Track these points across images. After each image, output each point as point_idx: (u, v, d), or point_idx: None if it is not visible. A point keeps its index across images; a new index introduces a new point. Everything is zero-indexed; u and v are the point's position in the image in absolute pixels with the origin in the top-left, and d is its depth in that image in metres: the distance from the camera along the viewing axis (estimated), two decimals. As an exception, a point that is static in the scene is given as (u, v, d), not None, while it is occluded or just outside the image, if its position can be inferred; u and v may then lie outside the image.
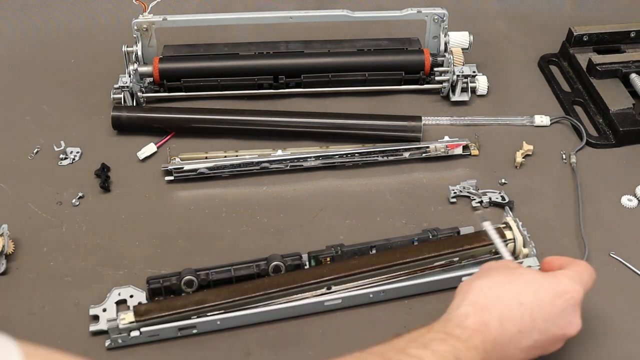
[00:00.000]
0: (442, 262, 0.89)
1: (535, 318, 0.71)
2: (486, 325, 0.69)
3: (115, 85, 1.13)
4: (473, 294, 0.72)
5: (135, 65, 1.13)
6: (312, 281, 0.85)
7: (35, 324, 0.85)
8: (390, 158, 1.05)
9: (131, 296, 0.86)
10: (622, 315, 0.87)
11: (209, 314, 0.83)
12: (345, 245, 0.91)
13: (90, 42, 1.28)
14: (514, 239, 0.89)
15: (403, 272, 0.88)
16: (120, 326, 0.81)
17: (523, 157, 1.06)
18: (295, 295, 0.85)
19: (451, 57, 1.14)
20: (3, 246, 0.90)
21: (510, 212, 0.93)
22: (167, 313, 0.82)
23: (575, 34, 1.21)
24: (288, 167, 1.04)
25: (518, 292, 0.71)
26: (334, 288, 0.86)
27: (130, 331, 0.81)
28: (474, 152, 1.07)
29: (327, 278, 0.86)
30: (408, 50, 1.19)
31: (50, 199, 1.00)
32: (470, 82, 1.15)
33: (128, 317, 0.81)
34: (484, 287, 0.72)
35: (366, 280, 0.87)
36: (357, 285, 0.87)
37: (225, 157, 1.04)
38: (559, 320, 0.72)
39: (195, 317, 0.83)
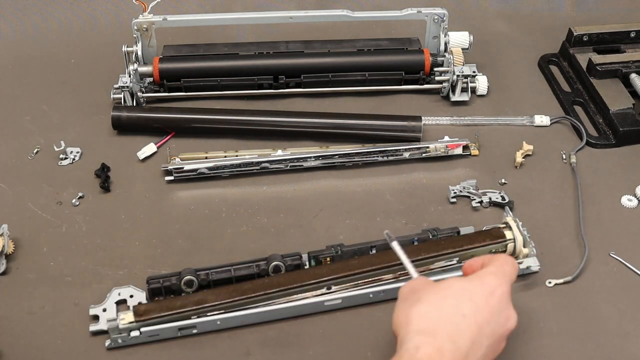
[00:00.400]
0: (442, 262, 0.89)
1: (480, 324, 0.70)
2: (440, 351, 0.66)
3: (115, 85, 1.13)
4: (416, 323, 0.69)
5: (135, 65, 1.13)
6: (312, 281, 0.85)
7: (35, 324, 0.85)
8: (390, 158, 1.05)
9: (131, 296, 0.86)
10: (622, 315, 0.87)
11: (209, 314, 0.83)
12: (345, 245, 0.91)
13: (90, 42, 1.28)
14: (514, 239, 0.89)
15: (403, 272, 0.88)
16: (120, 326, 0.81)
17: (523, 157, 1.06)
18: (296, 296, 0.85)
19: (451, 57, 1.14)
20: (3, 246, 0.90)
21: (510, 212, 0.93)
22: (166, 313, 0.82)
23: (575, 34, 1.21)
24: (288, 167, 1.04)
25: (456, 306, 0.70)
26: (334, 288, 0.86)
27: (130, 331, 0.81)
28: (474, 152, 1.07)
29: (327, 278, 0.85)
30: (408, 50, 1.19)
31: (50, 199, 1.00)
32: (470, 82, 1.15)
33: (128, 317, 0.81)
34: (423, 311, 0.69)
35: (366, 280, 0.87)
36: (357, 285, 0.87)
37: (225, 157, 1.04)
38: (498, 318, 0.71)
39: (195, 317, 0.83)
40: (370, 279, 0.87)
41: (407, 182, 1.03)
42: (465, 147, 1.07)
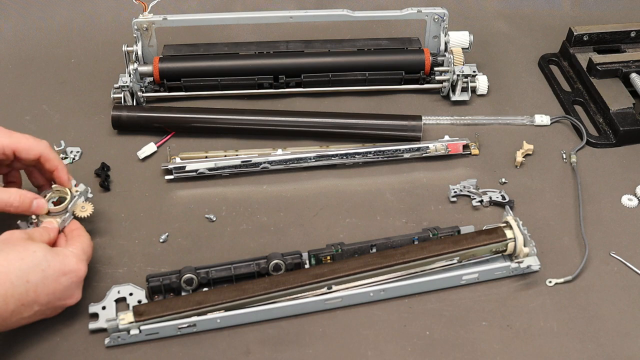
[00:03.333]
0: (443, 262, 0.88)
1: (39, 293, 0.77)
2: None
3: (116, 85, 1.13)
4: None
5: (136, 65, 1.13)
6: (312, 281, 0.85)
7: (34, 321, 0.85)
8: (391, 157, 1.05)
9: (131, 294, 0.86)
10: (622, 315, 0.87)
11: (209, 314, 0.83)
12: (346, 244, 0.91)
13: (90, 41, 1.28)
14: (514, 238, 0.89)
15: (404, 271, 0.88)
16: (120, 326, 0.81)
17: (523, 157, 1.06)
18: (296, 295, 0.85)
19: (451, 56, 1.14)
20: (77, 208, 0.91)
21: (511, 212, 0.93)
22: (167, 313, 0.82)
23: (575, 33, 1.21)
24: (288, 167, 1.04)
25: (27, 271, 0.77)
26: (334, 287, 0.86)
27: (130, 329, 0.81)
28: (474, 151, 1.07)
29: (327, 278, 0.85)
30: (408, 50, 1.18)
31: (50, 198, 1.00)
32: (471, 82, 1.15)
33: (128, 317, 0.81)
34: None
35: (367, 280, 0.87)
36: (358, 285, 0.87)
37: (225, 156, 1.04)
38: (61, 294, 0.80)
39: (195, 317, 0.82)
40: (371, 279, 0.87)
41: (407, 182, 1.03)
42: (466, 147, 1.07)
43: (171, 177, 1.02)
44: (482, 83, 1.16)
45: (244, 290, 0.84)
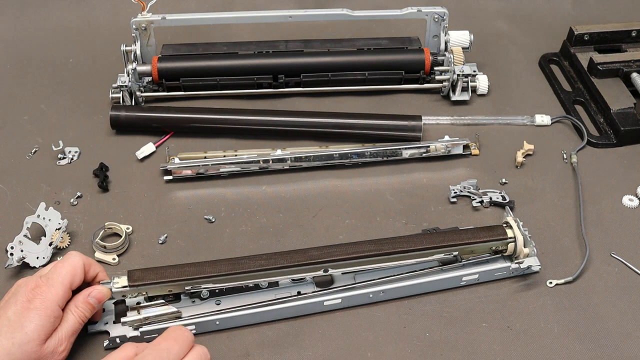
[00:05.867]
0: (442, 255, 0.87)
1: None
2: None
3: (114, 85, 1.12)
4: None
5: (134, 65, 1.12)
6: (309, 261, 0.83)
7: (33, 324, 0.85)
8: (390, 158, 1.05)
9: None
10: (622, 315, 0.86)
11: (203, 285, 0.82)
12: (345, 245, 0.90)
13: (88, 41, 1.27)
14: (514, 238, 0.89)
15: (402, 260, 0.86)
16: (114, 290, 0.80)
17: (524, 157, 1.05)
18: (295, 294, 0.85)
19: (451, 56, 1.14)
20: (55, 239, 0.91)
21: (511, 212, 0.93)
22: (161, 280, 0.81)
23: (576, 33, 1.21)
24: (287, 167, 1.04)
25: None
26: (333, 287, 0.86)
27: (130, 331, 0.81)
28: (475, 151, 1.07)
29: (324, 260, 0.84)
30: (408, 50, 1.18)
31: (49, 198, 0.99)
32: (471, 82, 1.15)
33: (122, 281, 0.81)
34: None
35: (366, 281, 0.86)
36: (357, 284, 0.86)
37: (225, 156, 1.04)
38: None
39: (190, 287, 0.81)
40: (370, 280, 0.87)
41: (407, 182, 1.03)
42: (466, 147, 1.06)
43: (170, 177, 1.02)
44: (482, 83, 1.16)
45: (240, 264, 0.83)
